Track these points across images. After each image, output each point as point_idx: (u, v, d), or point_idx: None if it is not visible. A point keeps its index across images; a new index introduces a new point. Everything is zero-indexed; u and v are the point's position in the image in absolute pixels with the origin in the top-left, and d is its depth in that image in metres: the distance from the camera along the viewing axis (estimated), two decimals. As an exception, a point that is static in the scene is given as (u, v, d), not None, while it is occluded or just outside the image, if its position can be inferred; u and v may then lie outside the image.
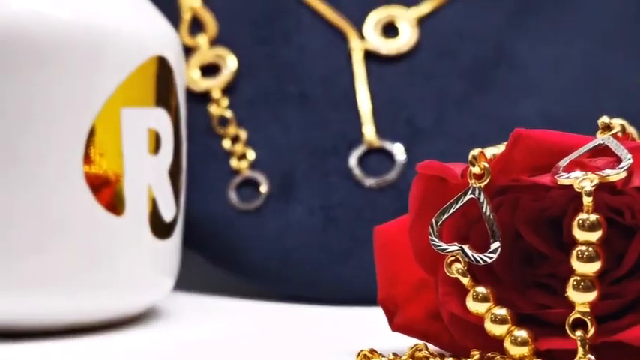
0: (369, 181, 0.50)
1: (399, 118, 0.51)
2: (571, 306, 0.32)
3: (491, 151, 0.34)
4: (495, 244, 0.33)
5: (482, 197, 0.33)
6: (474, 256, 0.33)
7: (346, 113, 0.52)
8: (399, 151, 0.51)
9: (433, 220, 0.34)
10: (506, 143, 0.34)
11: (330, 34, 0.53)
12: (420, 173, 0.35)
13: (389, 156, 0.51)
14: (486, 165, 0.33)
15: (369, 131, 0.51)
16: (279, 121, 0.52)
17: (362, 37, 0.53)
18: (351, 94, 0.52)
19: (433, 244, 0.34)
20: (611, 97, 0.51)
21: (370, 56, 0.52)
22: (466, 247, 0.33)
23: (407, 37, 0.52)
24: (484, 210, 0.33)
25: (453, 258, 0.33)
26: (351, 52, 0.52)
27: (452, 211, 0.34)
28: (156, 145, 0.43)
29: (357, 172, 0.51)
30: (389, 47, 0.52)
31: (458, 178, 0.34)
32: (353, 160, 0.51)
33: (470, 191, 0.33)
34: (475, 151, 0.33)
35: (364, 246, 0.49)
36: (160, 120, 0.43)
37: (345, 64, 0.52)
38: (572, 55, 0.51)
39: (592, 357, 0.31)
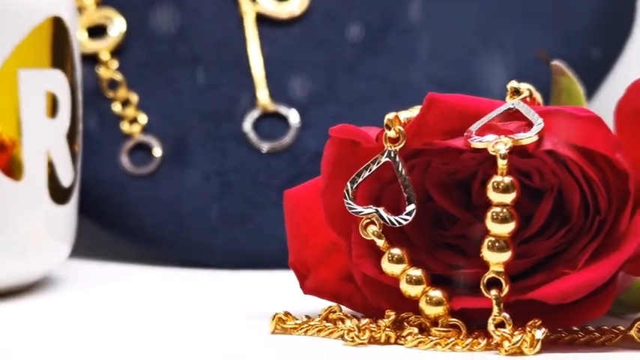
0: (264, 146, 0.50)
1: (292, 82, 0.51)
2: (483, 266, 0.33)
3: (404, 115, 0.34)
4: (411, 207, 0.33)
5: (398, 160, 0.33)
6: (389, 219, 0.34)
7: (239, 77, 0.51)
8: (293, 115, 0.51)
9: (348, 184, 0.34)
10: (418, 107, 0.35)
11: (221, -3, 0.52)
12: (333, 137, 0.35)
13: (283, 120, 0.51)
14: (401, 128, 0.34)
15: (262, 95, 0.51)
16: (172, 84, 0.51)
17: (254, 0, 0.52)
18: (243, 58, 0.52)
19: (348, 207, 0.34)
20: (500, 63, 0.52)
21: (262, 20, 0.52)
22: (381, 210, 0.34)
23: (299, 1, 0.52)
24: (400, 173, 0.33)
25: (369, 220, 0.34)
26: (242, 15, 0.52)
27: (367, 174, 0.34)
28: (53, 108, 0.42)
29: (251, 136, 0.50)
30: (281, 11, 0.52)
31: (373, 142, 0.34)
32: (247, 125, 0.51)
33: (386, 154, 0.34)
34: (390, 115, 0.34)
35: (261, 210, 0.49)
36: (56, 82, 0.42)
37: (238, 28, 0.52)
38: (462, 20, 0.52)
39: (507, 315, 0.32)
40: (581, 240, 0.33)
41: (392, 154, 0.34)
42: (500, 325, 0.32)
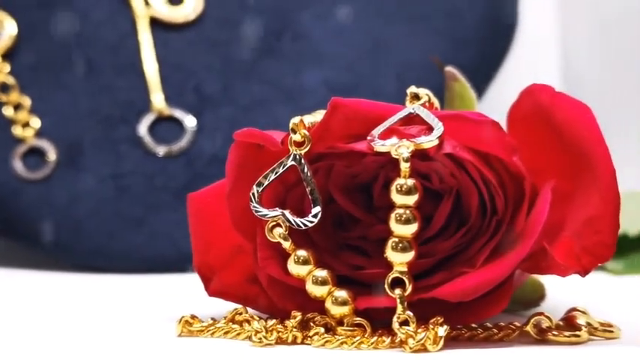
0: (160, 149, 0.50)
1: (187, 85, 0.52)
2: (385, 266, 0.34)
3: (308, 119, 0.35)
4: (316, 209, 0.34)
5: (303, 164, 0.34)
6: (295, 221, 0.34)
7: (134, 81, 0.51)
8: (188, 119, 0.51)
9: (254, 187, 0.34)
10: (322, 111, 0.35)
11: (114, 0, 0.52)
12: (238, 140, 0.36)
13: (179, 124, 0.51)
14: (307, 132, 0.34)
15: (157, 99, 0.51)
16: (65, 88, 0.51)
17: (147, 3, 0.52)
18: (138, 61, 0.52)
19: (255, 210, 0.34)
20: (390, 66, 0.53)
21: (156, 23, 0.52)
22: (287, 213, 0.34)
23: (192, 5, 0.53)
24: (306, 176, 0.34)
25: (275, 223, 0.34)
26: (136, 18, 0.52)
27: (273, 177, 0.34)
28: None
29: (147, 140, 0.50)
30: (175, 15, 0.52)
31: (278, 146, 0.35)
32: (143, 128, 0.51)
33: (291, 158, 0.34)
34: (296, 119, 0.34)
35: (157, 213, 0.49)
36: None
37: (131, 31, 0.52)
38: (353, 25, 0.53)
39: (410, 313, 0.33)
40: (479, 240, 0.34)
41: (298, 158, 0.34)
42: (405, 323, 0.33)
